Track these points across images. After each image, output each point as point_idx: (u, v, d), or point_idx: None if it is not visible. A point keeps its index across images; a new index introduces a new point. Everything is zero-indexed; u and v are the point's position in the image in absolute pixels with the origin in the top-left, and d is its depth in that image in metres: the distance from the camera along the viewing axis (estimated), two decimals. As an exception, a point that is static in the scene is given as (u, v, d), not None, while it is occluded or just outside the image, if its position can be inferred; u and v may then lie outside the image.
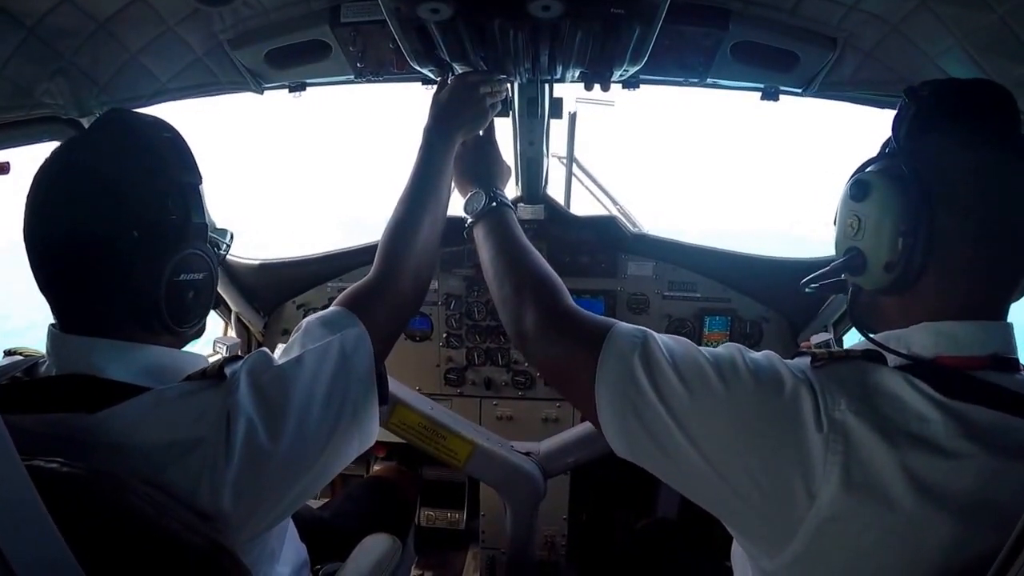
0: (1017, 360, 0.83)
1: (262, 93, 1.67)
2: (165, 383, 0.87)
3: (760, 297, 2.24)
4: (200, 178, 0.98)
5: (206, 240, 0.98)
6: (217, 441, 0.81)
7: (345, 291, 1.14)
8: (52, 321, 0.92)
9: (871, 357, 0.83)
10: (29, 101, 1.30)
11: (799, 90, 1.52)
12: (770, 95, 1.58)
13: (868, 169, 0.91)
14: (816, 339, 1.95)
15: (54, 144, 0.96)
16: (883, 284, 0.87)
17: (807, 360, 0.86)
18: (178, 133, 0.98)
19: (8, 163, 1.33)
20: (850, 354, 0.84)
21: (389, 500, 1.93)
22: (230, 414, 0.83)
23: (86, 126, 1.49)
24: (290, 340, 1.01)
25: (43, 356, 0.93)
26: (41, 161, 0.92)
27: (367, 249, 2.33)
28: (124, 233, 0.87)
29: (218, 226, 1.15)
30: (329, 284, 2.38)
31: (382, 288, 1.15)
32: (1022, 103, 0.87)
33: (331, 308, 1.08)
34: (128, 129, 0.94)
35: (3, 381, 0.88)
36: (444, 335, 2.36)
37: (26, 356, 0.97)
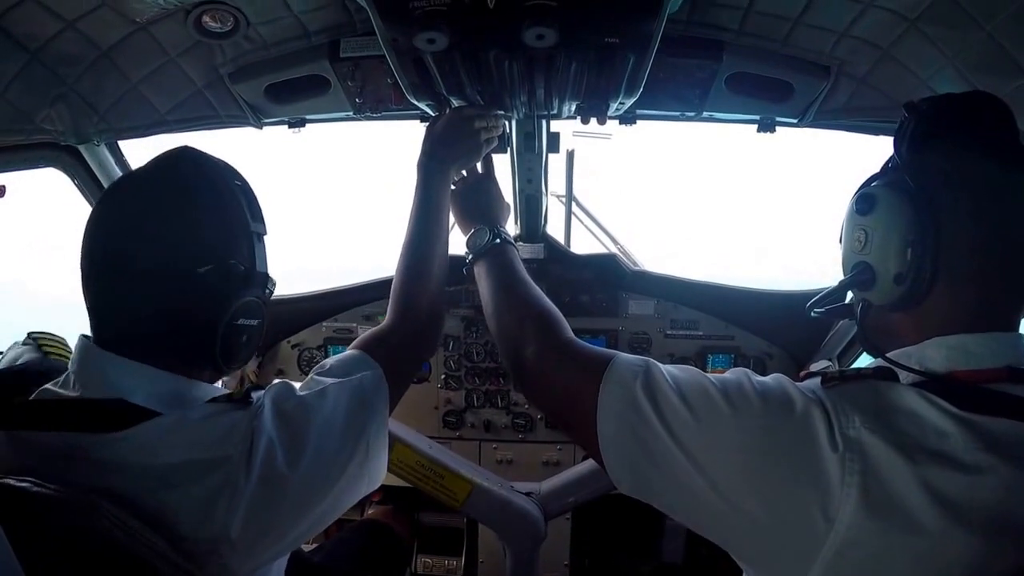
0: None
1: (261, 128, 1.68)
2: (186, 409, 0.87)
3: (763, 332, 2.22)
4: (266, 230, 1.02)
5: (264, 289, 1.01)
6: (240, 460, 0.82)
7: (364, 335, 1.16)
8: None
9: (883, 375, 0.81)
10: (29, 126, 1.31)
11: (795, 120, 1.53)
12: (766, 127, 1.59)
13: (873, 184, 0.90)
14: (816, 367, 1.90)
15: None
16: (893, 298, 0.85)
17: (817, 380, 0.83)
18: (247, 182, 1.01)
19: (4, 187, 1.33)
20: (861, 373, 0.82)
21: (383, 544, 1.88)
22: (254, 435, 0.84)
23: (84, 154, 1.50)
24: (310, 376, 1.02)
25: (68, 355, 0.95)
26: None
27: (362, 288, 2.32)
28: (192, 269, 0.89)
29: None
30: (324, 324, 2.35)
31: (399, 333, 1.17)
32: (1017, 118, 0.87)
33: (350, 351, 1.10)
34: (203, 169, 0.96)
35: (34, 395, 0.87)
36: (443, 376, 2.32)
37: (47, 348, 1.01)
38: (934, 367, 0.81)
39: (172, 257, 0.88)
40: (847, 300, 1.02)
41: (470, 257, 1.34)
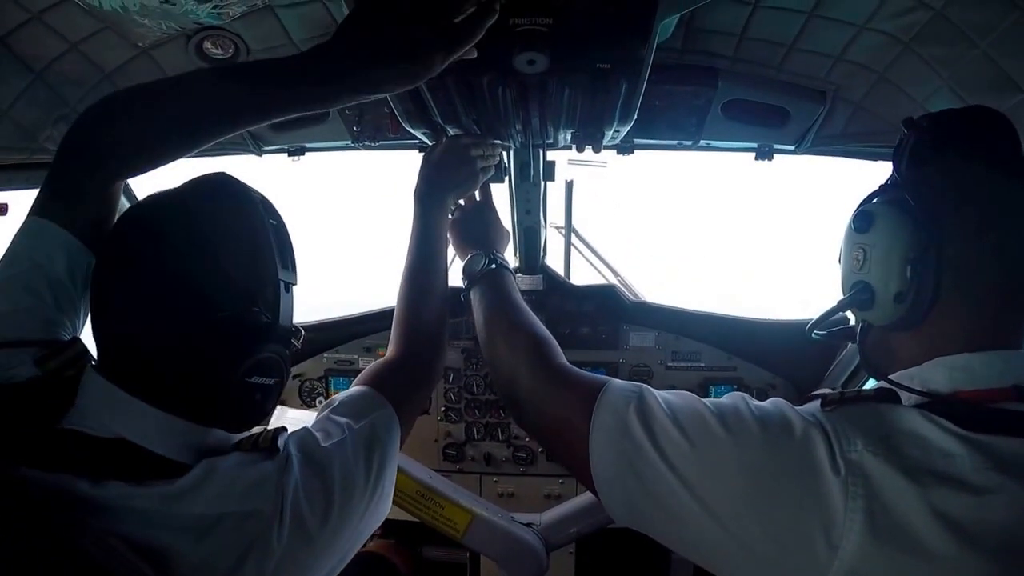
0: None
1: (261, 156, 1.70)
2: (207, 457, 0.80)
3: (766, 363, 2.18)
4: (296, 279, 0.92)
5: (287, 345, 0.90)
6: (272, 515, 0.77)
7: (367, 369, 1.11)
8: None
9: (884, 397, 0.78)
10: (32, 145, 1.33)
11: (792, 147, 1.53)
12: (764, 154, 1.59)
13: (872, 201, 0.89)
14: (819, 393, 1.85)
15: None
16: (894, 317, 0.83)
17: (817, 403, 0.80)
18: (283, 221, 0.92)
19: (6, 204, 1.33)
20: (862, 395, 0.79)
21: None
22: (284, 490, 0.79)
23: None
24: (322, 417, 0.97)
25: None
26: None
27: (362, 319, 2.30)
28: (210, 313, 0.80)
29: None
30: (325, 355, 2.32)
31: (405, 366, 1.14)
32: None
33: (357, 388, 1.05)
34: (240, 202, 0.87)
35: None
36: (442, 409, 2.28)
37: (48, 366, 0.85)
38: (938, 388, 0.78)
39: (190, 296, 0.80)
40: (850, 323, 1.00)
41: (466, 283, 1.33)
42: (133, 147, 0.93)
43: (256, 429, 0.89)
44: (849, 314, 0.97)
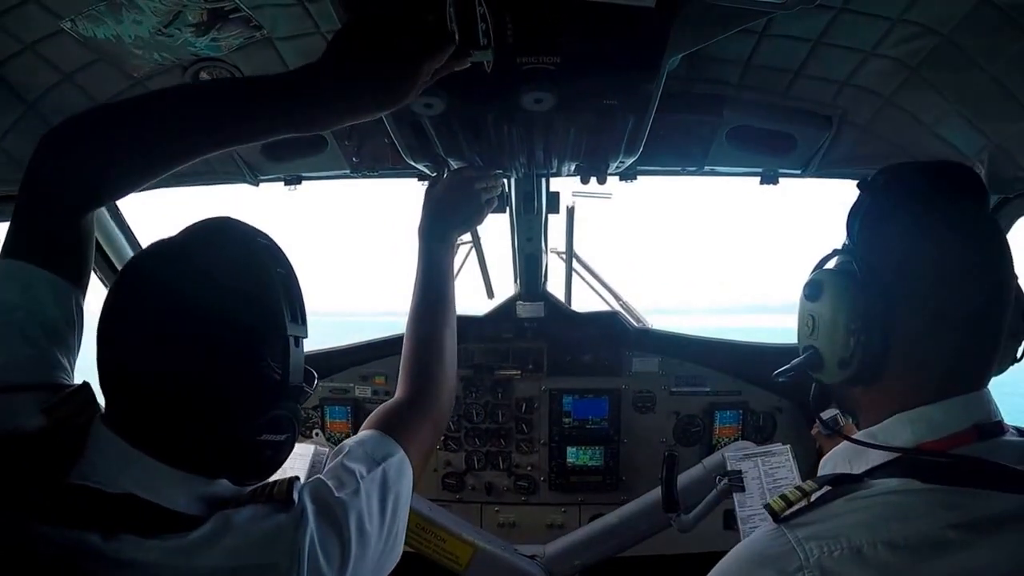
0: (1000, 423, 0.78)
1: (257, 185, 1.67)
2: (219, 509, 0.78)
3: (771, 387, 2.16)
4: (306, 331, 0.87)
5: (298, 401, 0.86)
6: (289, 570, 0.75)
7: (378, 412, 1.06)
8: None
9: (842, 487, 0.77)
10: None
11: (798, 171, 1.53)
12: (769, 179, 1.58)
13: (822, 268, 0.89)
14: (826, 415, 1.84)
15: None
16: (841, 379, 0.84)
17: (768, 524, 0.77)
18: (292, 270, 0.87)
19: None
20: (815, 498, 0.77)
21: None
22: (299, 544, 0.77)
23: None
24: (335, 464, 0.92)
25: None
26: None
27: (358, 348, 2.28)
28: (211, 370, 0.76)
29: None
30: (320, 384, 2.25)
31: (417, 408, 1.09)
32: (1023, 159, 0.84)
33: (368, 433, 1.00)
34: (241, 253, 0.82)
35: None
36: (442, 438, 2.23)
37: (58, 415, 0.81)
38: (902, 443, 0.78)
39: (193, 352, 0.75)
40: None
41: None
42: (94, 176, 0.89)
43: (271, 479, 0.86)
44: None
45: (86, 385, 0.84)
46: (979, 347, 0.79)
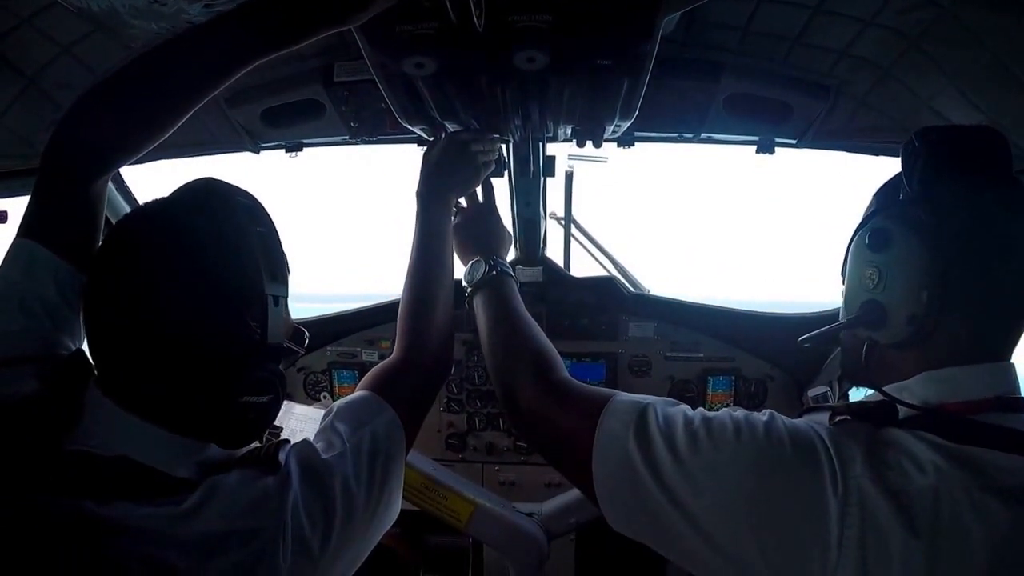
0: (1021, 399, 0.80)
1: (258, 153, 1.68)
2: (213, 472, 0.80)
3: (764, 355, 2.19)
4: (287, 290, 0.87)
5: (279, 361, 0.86)
6: (276, 533, 0.77)
7: (370, 373, 1.10)
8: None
9: (886, 413, 0.80)
10: (28, 151, 1.31)
11: (794, 141, 1.52)
12: (765, 148, 1.57)
13: (884, 217, 0.87)
14: (813, 392, 1.91)
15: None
16: (903, 337, 0.83)
17: (823, 416, 0.82)
18: (273, 227, 0.86)
19: (6, 212, 1.32)
20: (863, 408, 0.81)
21: (390, 567, 1.89)
22: (285, 507, 0.78)
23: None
24: (324, 425, 0.95)
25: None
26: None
27: (365, 312, 2.31)
28: (195, 334, 0.77)
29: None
30: (328, 348, 2.33)
31: (408, 369, 1.11)
32: (1021, 139, 0.85)
33: (359, 393, 1.03)
34: (220, 211, 0.82)
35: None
36: (444, 400, 2.30)
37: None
38: (927, 400, 0.80)
39: (172, 313, 0.76)
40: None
41: (468, 290, 1.32)
42: (108, 139, 0.94)
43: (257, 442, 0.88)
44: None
45: (80, 351, 0.86)
46: (1013, 319, 0.82)
